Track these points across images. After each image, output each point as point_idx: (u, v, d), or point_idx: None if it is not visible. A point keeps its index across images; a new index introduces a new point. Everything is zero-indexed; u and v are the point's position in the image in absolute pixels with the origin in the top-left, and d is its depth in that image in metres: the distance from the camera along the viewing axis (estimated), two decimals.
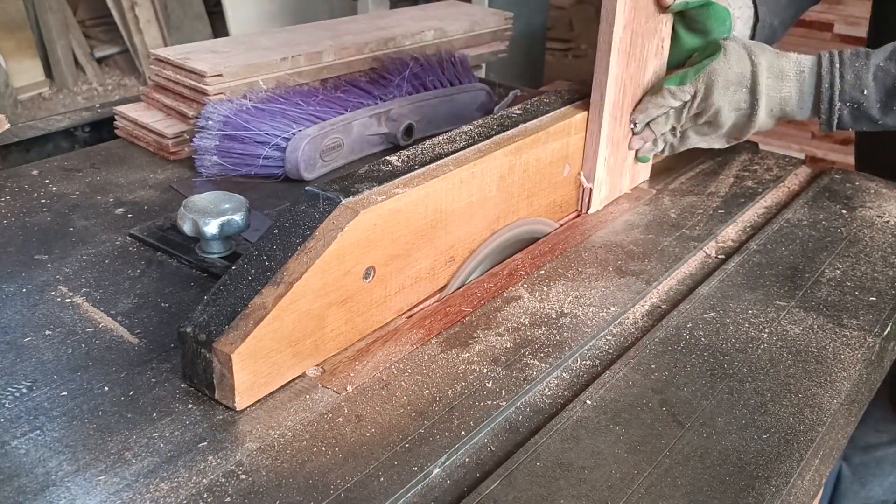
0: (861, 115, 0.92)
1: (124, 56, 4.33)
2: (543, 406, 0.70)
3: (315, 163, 1.08)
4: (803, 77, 0.92)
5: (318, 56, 1.23)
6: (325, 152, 1.09)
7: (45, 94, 4.00)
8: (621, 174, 1.02)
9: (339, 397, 0.68)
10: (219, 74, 1.13)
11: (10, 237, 0.91)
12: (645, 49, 0.95)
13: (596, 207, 1.00)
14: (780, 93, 0.93)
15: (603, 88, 0.91)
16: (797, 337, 0.79)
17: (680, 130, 0.99)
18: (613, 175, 1.01)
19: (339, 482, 0.59)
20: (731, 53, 0.92)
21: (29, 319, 0.76)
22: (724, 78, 0.92)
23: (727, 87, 0.92)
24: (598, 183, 0.98)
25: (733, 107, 0.94)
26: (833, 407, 0.70)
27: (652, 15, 0.93)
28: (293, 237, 0.68)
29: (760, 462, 0.64)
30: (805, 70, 0.92)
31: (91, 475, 0.59)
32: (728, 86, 0.92)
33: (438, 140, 0.84)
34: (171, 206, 0.99)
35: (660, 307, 0.84)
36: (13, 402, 0.66)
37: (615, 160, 0.99)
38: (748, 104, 0.93)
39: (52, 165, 1.09)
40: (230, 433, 0.64)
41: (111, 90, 4.15)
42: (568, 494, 0.60)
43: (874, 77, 0.90)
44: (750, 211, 1.05)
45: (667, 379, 0.72)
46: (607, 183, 1.00)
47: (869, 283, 0.89)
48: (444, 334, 0.77)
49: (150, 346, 0.74)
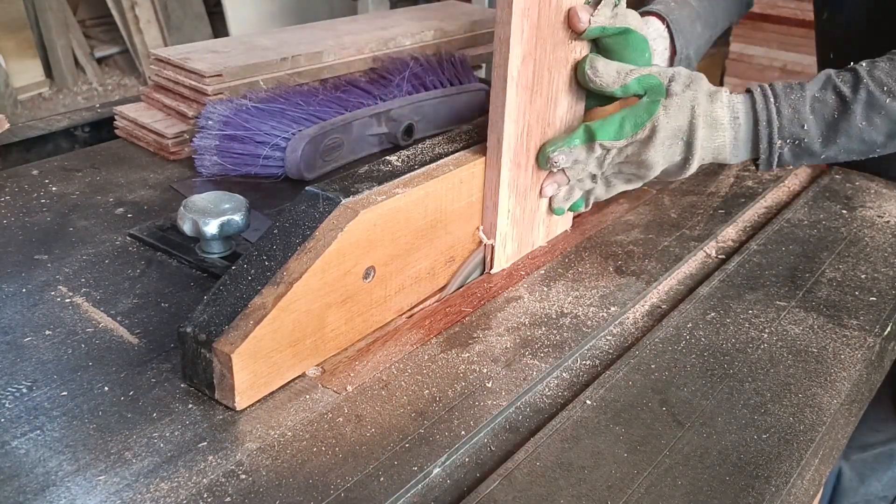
0: (802, 150, 0.84)
1: (124, 56, 4.33)
2: (543, 406, 0.70)
3: (315, 163, 1.08)
4: (738, 124, 0.83)
5: (319, 56, 1.23)
6: (325, 152, 1.09)
7: (45, 94, 4.00)
8: (532, 226, 0.89)
9: (339, 397, 0.68)
10: (218, 74, 1.13)
11: (10, 237, 0.91)
12: (554, 82, 0.82)
13: (501, 266, 0.87)
14: (713, 143, 0.83)
15: (500, 131, 0.78)
16: (797, 337, 0.79)
17: (602, 177, 0.86)
18: (522, 228, 0.87)
19: (339, 482, 0.59)
20: (672, 104, 0.81)
21: (29, 319, 0.76)
22: (663, 133, 0.81)
23: (664, 143, 0.82)
24: (501, 238, 0.85)
25: (667, 160, 0.83)
26: (833, 407, 0.70)
27: (561, 42, 0.81)
28: (293, 237, 0.68)
29: (760, 462, 0.64)
30: (739, 116, 0.83)
31: (91, 475, 0.59)
32: (665, 141, 0.82)
33: (438, 140, 0.84)
34: (171, 206, 0.99)
35: (660, 307, 0.84)
36: (13, 402, 0.66)
37: (523, 211, 0.86)
38: (683, 156, 0.83)
39: (52, 165, 1.09)
40: (230, 433, 0.64)
41: (111, 90, 4.15)
42: (568, 494, 0.60)
43: (812, 109, 0.82)
44: (750, 211, 1.05)
45: (667, 379, 0.72)
46: (513, 237, 0.87)
47: (869, 283, 0.89)
48: (444, 334, 0.77)
49: (150, 346, 0.74)
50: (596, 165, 0.84)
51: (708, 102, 0.82)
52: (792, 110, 0.82)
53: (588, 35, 0.81)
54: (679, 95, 0.82)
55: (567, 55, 0.82)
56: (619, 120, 0.82)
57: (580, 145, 0.82)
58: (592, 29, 0.81)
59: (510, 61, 0.75)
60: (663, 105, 0.81)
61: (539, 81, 0.80)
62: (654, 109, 0.81)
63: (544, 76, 0.80)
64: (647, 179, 0.86)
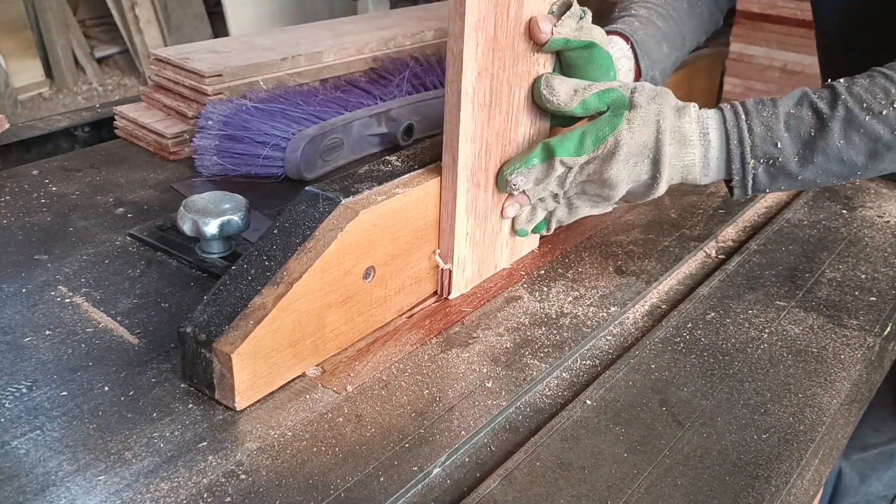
0: (778, 171, 0.78)
1: (124, 56, 4.33)
2: (543, 406, 0.70)
3: (315, 163, 1.08)
4: (707, 141, 0.78)
5: (319, 56, 1.23)
6: (325, 152, 1.09)
7: (45, 94, 4.00)
8: (494, 248, 0.84)
9: (339, 397, 0.68)
10: (218, 74, 1.13)
11: (10, 237, 0.91)
12: (515, 98, 0.77)
13: (461, 290, 0.82)
14: (682, 161, 0.78)
15: (455, 150, 0.74)
16: (797, 337, 0.79)
17: (564, 197, 0.82)
18: (483, 250, 0.83)
19: (339, 482, 0.59)
20: (636, 118, 0.76)
21: (29, 319, 0.76)
22: (627, 149, 0.76)
23: (628, 160, 0.77)
24: (458, 262, 0.80)
25: (632, 179, 0.78)
26: (833, 407, 0.70)
27: (522, 56, 0.75)
28: (293, 237, 0.68)
29: (760, 462, 0.64)
30: (709, 132, 0.78)
31: (91, 475, 0.59)
32: (629, 157, 0.77)
33: (438, 140, 0.84)
34: (171, 206, 0.99)
35: (660, 307, 0.84)
36: (13, 402, 0.66)
37: (483, 233, 0.81)
38: (650, 175, 0.78)
39: (52, 165, 1.09)
40: (230, 433, 0.64)
41: (111, 90, 4.15)
42: (568, 494, 0.60)
43: (786, 126, 0.77)
44: (750, 211, 1.05)
45: (667, 379, 0.72)
46: (473, 261, 0.82)
47: (869, 283, 0.89)
48: (444, 334, 0.77)
49: (150, 346, 0.74)
50: (557, 185, 0.79)
51: (675, 117, 0.77)
52: (764, 128, 0.77)
53: (550, 47, 0.76)
54: (643, 108, 0.77)
55: (529, 69, 0.77)
56: (579, 135, 0.77)
57: (539, 164, 0.77)
58: (555, 40, 0.76)
59: (464, 77, 0.70)
60: (627, 118, 0.76)
61: (498, 98, 0.75)
62: (617, 123, 0.76)
63: (503, 92, 0.75)
64: (612, 200, 0.81)
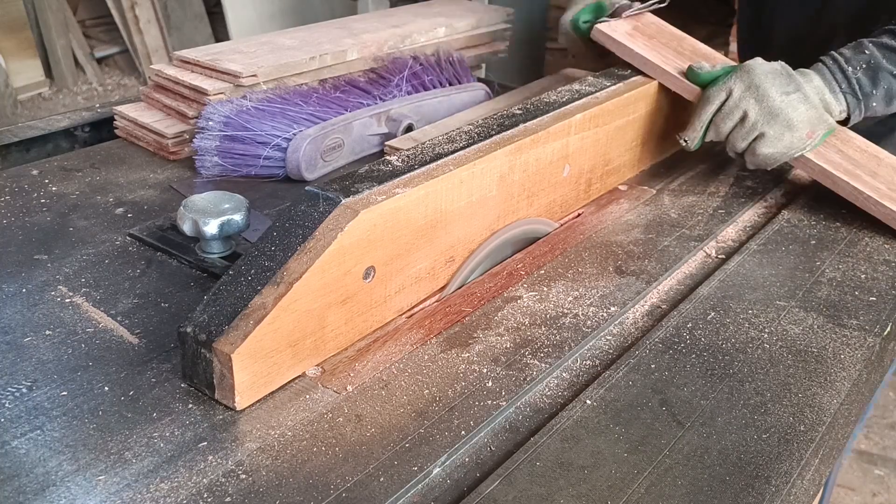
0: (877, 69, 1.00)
1: (124, 56, 4.33)
2: (543, 406, 0.70)
3: (316, 163, 1.08)
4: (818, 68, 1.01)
5: (343, 54, 1.24)
6: (325, 152, 1.09)
7: (45, 94, 4.00)
8: None
9: (339, 397, 0.68)
10: (253, 75, 1.13)
11: (10, 237, 0.91)
12: None
13: None
14: (812, 82, 1.00)
15: None
16: (797, 337, 0.79)
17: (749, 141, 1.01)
18: None
19: (339, 482, 0.59)
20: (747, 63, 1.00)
21: (29, 319, 0.76)
22: (760, 68, 0.99)
23: (766, 74, 0.98)
24: None
25: (781, 90, 0.97)
26: (833, 407, 0.70)
27: None
28: (293, 237, 0.68)
29: (760, 462, 0.64)
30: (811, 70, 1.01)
31: (91, 475, 0.59)
32: (766, 74, 0.98)
33: (438, 140, 0.84)
34: (171, 206, 0.99)
35: (660, 307, 0.84)
36: (13, 402, 0.66)
37: None
38: (794, 87, 0.98)
39: (52, 165, 1.09)
40: (230, 433, 0.64)
41: (111, 90, 4.15)
42: (568, 494, 0.60)
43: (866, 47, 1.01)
44: (750, 211, 1.05)
45: (667, 379, 0.72)
46: None
47: (869, 283, 0.89)
48: (444, 334, 0.77)
49: (150, 346, 0.74)
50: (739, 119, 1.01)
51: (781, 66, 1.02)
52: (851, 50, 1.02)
53: None
54: None
55: None
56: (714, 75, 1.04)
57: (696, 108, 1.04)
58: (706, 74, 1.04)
59: None
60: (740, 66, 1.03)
61: None
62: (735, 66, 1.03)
63: None
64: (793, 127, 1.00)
